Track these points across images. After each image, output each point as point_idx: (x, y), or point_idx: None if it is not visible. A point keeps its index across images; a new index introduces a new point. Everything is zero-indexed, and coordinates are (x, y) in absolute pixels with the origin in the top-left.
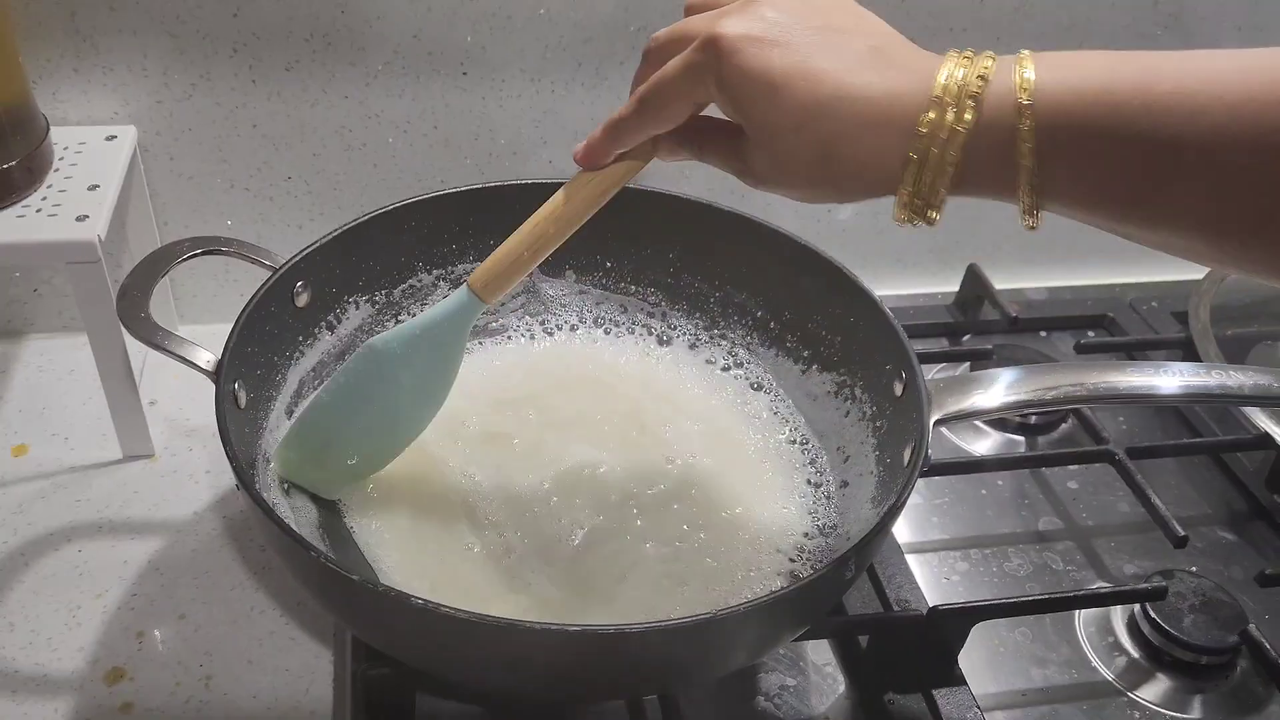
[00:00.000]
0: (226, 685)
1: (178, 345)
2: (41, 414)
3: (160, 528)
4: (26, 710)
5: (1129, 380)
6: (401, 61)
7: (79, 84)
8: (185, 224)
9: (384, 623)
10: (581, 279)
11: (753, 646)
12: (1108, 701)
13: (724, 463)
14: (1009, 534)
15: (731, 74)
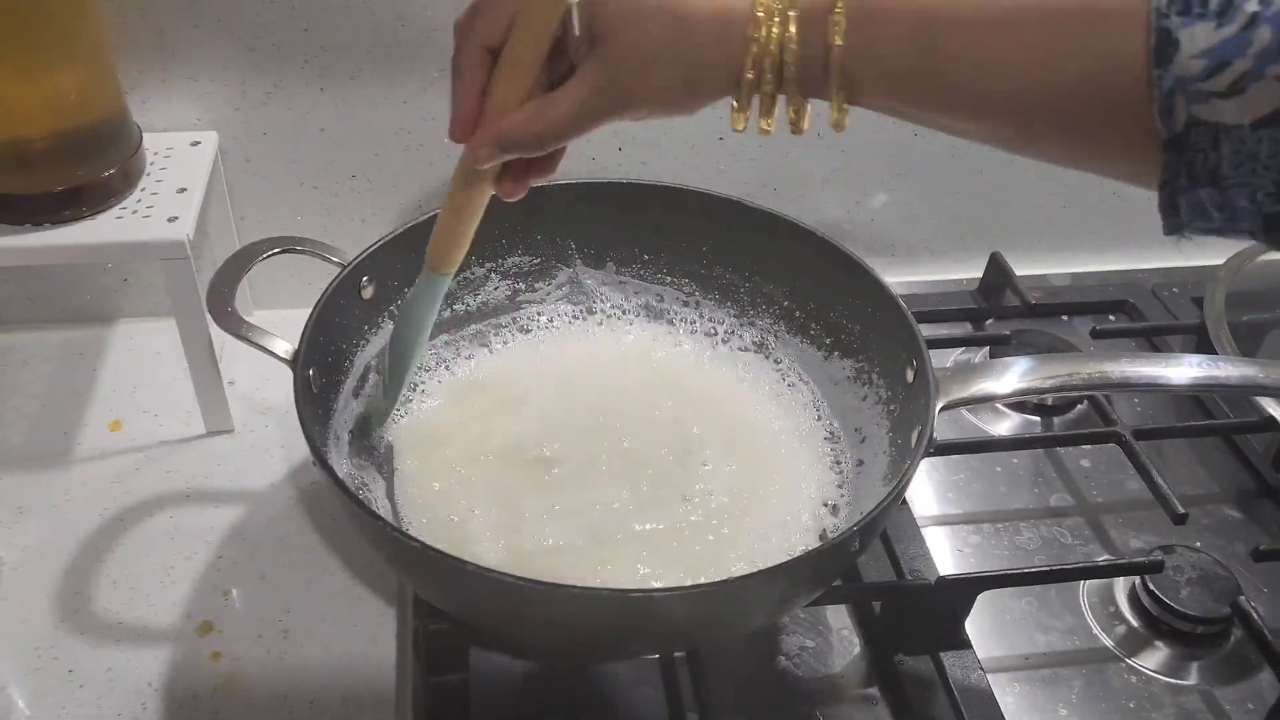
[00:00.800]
0: (302, 638)
1: (259, 336)
2: (133, 393)
3: (241, 497)
4: (129, 657)
5: (1123, 370)
6: None
7: (166, 93)
8: (260, 219)
9: (440, 583)
10: (621, 270)
11: (769, 609)
12: (1107, 667)
13: (752, 440)
14: (1021, 509)
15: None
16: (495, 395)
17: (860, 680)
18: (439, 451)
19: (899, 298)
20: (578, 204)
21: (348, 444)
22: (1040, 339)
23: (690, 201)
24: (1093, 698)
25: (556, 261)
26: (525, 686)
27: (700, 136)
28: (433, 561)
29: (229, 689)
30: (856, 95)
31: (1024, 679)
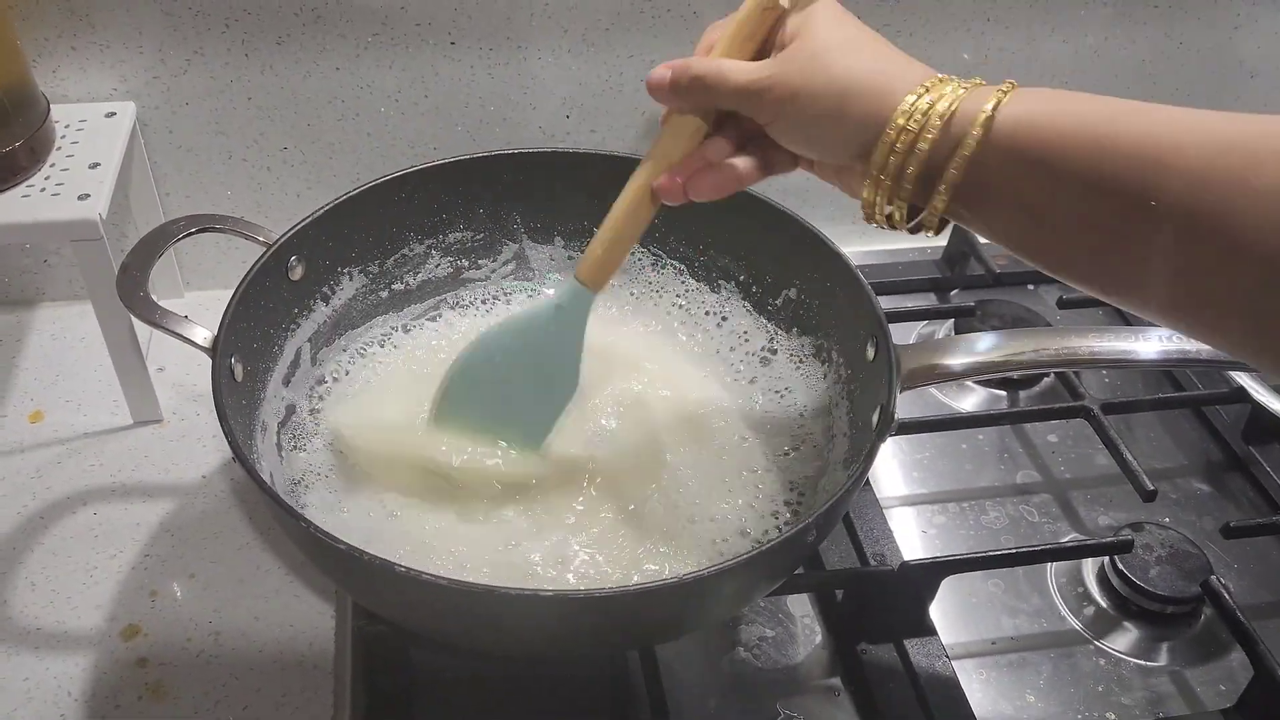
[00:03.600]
0: (234, 640)
1: (174, 323)
2: (55, 381)
3: (170, 490)
4: (48, 665)
5: (1092, 345)
6: (390, 32)
7: (77, 61)
8: (187, 195)
9: (371, 587)
10: (569, 244)
11: (724, 605)
12: (1075, 650)
13: (707, 421)
14: (987, 487)
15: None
16: (436, 380)
17: (822, 670)
18: (378, 442)
19: (859, 271)
20: (521, 174)
21: (277, 434)
22: (1006, 309)
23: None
24: (1061, 682)
25: (501, 236)
26: (469, 688)
27: (652, 103)
28: (363, 565)
29: (156, 696)
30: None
31: (991, 665)
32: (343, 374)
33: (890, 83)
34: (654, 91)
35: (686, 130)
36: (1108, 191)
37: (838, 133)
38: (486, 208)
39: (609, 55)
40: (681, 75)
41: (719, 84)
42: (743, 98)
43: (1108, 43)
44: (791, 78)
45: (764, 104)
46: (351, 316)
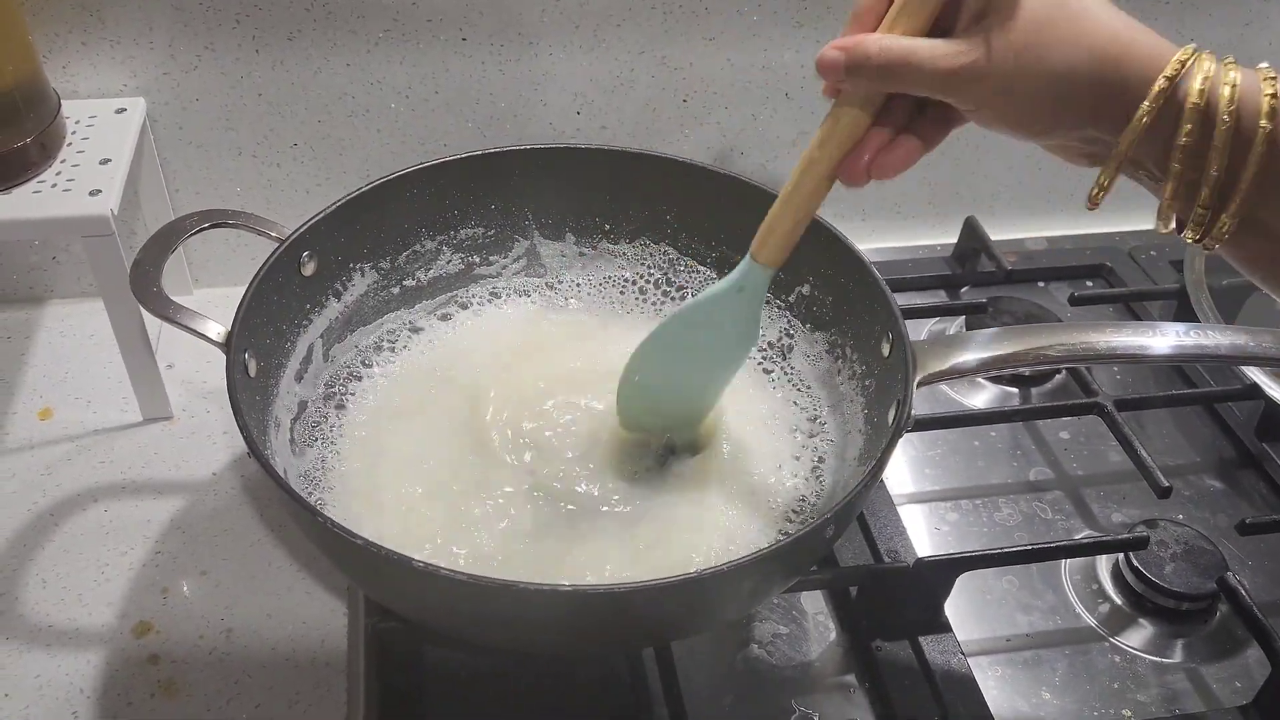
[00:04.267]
0: (246, 638)
1: (189, 318)
2: (65, 378)
3: (181, 487)
4: (60, 662)
5: (1108, 340)
6: (400, 28)
7: (88, 57)
8: (196, 191)
9: (387, 582)
10: (581, 241)
11: (740, 602)
12: (1090, 647)
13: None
14: (1000, 484)
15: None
16: (448, 376)
17: (837, 668)
18: (389, 439)
19: (874, 267)
20: (533, 171)
21: (290, 430)
22: (1017, 306)
23: (653, 167)
24: (1076, 679)
25: (513, 233)
26: (483, 686)
27: (662, 99)
28: (380, 560)
29: (168, 693)
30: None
31: (1005, 662)
32: (355, 370)
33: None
34: (826, 73)
35: (863, 107)
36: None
37: (1063, 119)
38: (498, 204)
39: (620, 51)
40: (860, 59)
41: (912, 72)
42: (943, 88)
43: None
44: (1004, 63)
45: (971, 94)
46: (363, 313)
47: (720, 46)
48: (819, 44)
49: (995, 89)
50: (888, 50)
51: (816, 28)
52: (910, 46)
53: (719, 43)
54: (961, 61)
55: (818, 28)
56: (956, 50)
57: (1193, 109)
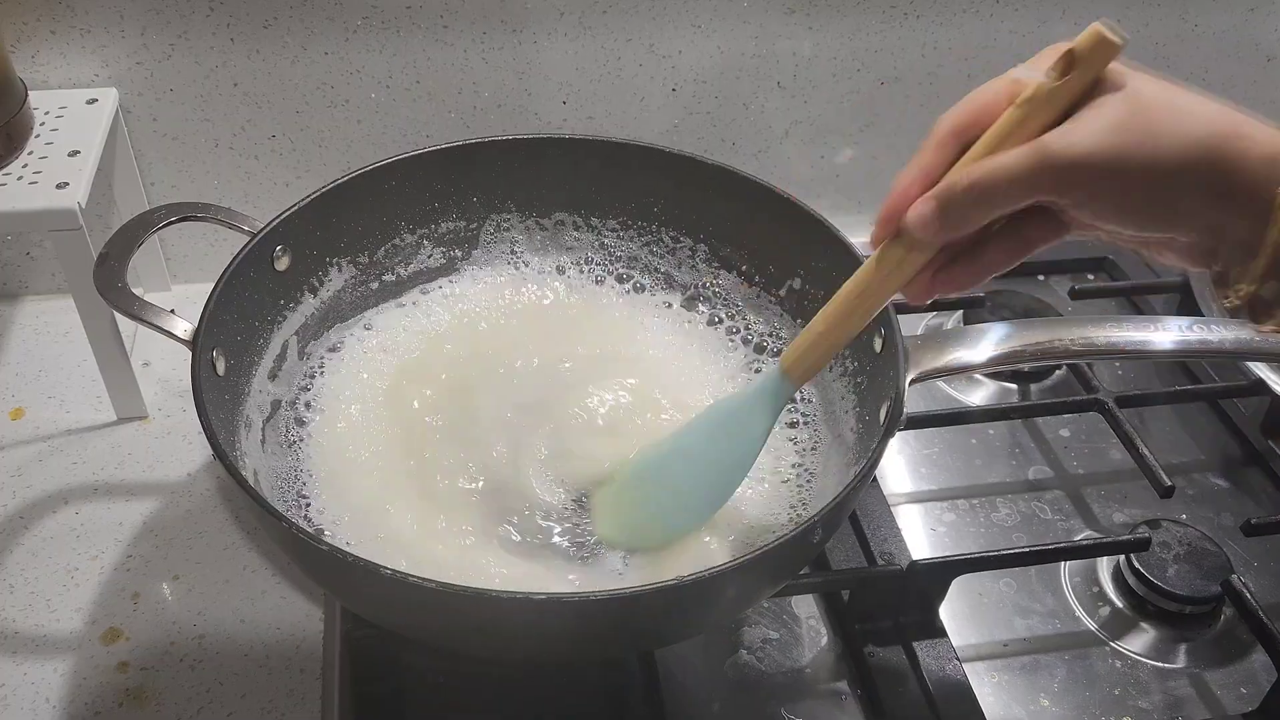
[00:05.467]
0: (219, 644)
1: (154, 315)
2: (37, 377)
3: (155, 489)
4: (26, 670)
5: (1109, 335)
6: (380, 15)
7: (57, 46)
8: (173, 184)
9: (355, 590)
10: (565, 233)
11: (724, 609)
12: (1090, 651)
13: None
14: (998, 483)
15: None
16: (429, 373)
17: (828, 674)
18: (367, 439)
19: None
20: (516, 162)
21: (262, 430)
22: (1016, 300)
23: (639, 158)
24: (1076, 685)
25: (494, 226)
26: (462, 694)
27: (651, 88)
28: (347, 568)
29: (137, 702)
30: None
31: (1003, 668)
32: (332, 368)
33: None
34: (918, 231)
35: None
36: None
37: (1173, 215)
38: (480, 196)
39: (607, 39)
40: (949, 195)
41: (1004, 182)
42: (1037, 185)
43: (1120, 26)
44: (1106, 147)
45: (1072, 183)
46: (340, 308)
47: (710, 34)
48: (811, 31)
49: (1102, 171)
50: (975, 175)
51: (809, 14)
52: (998, 160)
53: (708, 30)
54: (1059, 146)
55: (810, 14)
56: (1048, 146)
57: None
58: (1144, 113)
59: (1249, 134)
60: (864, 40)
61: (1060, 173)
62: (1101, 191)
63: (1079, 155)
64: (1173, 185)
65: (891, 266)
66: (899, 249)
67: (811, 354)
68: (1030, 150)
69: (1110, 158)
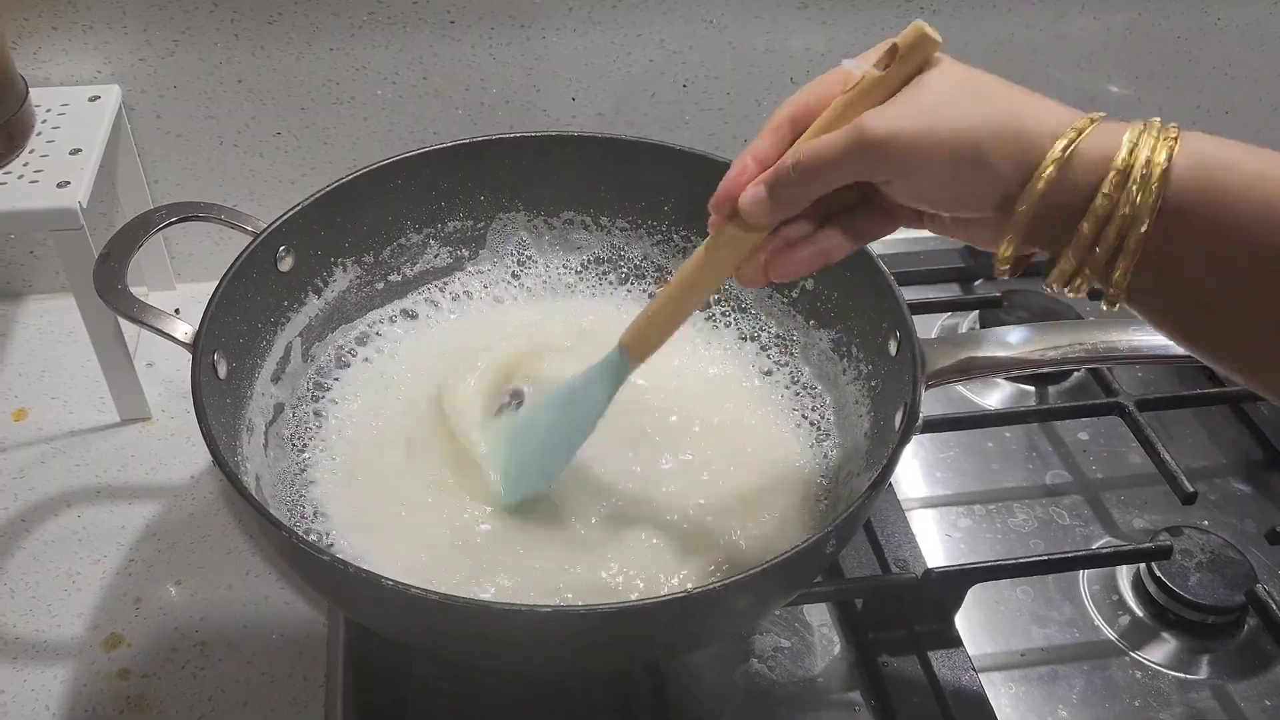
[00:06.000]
0: (221, 651)
1: (154, 317)
2: (41, 377)
3: (158, 492)
4: (26, 677)
5: (1131, 339)
6: (386, 11)
7: (59, 43)
8: (177, 183)
9: (357, 600)
10: (574, 234)
11: (735, 621)
12: (1110, 662)
13: (719, 422)
14: (1015, 488)
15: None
16: (436, 375)
17: (841, 684)
18: (373, 444)
19: (880, 261)
20: (524, 160)
21: (265, 434)
22: (1034, 300)
23: (650, 155)
24: (1095, 696)
25: (502, 225)
26: (469, 703)
27: (661, 84)
28: (347, 577)
29: (138, 710)
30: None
31: (1020, 678)
32: (337, 370)
33: (1034, 122)
34: (751, 213)
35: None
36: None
37: (974, 185)
38: (486, 195)
39: (616, 34)
40: (781, 177)
41: (825, 161)
42: (855, 162)
43: (1141, 19)
44: (912, 126)
45: (881, 162)
46: (345, 309)
47: (721, 29)
48: (824, 26)
49: (904, 151)
50: (799, 154)
51: (822, 8)
52: (821, 140)
53: (720, 25)
54: (870, 126)
55: (823, 8)
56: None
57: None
58: (952, 96)
59: (1041, 108)
60: (878, 35)
61: (873, 149)
62: (910, 167)
63: (889, 132)
64: (971, 160)
65: (726, 247)
66: (733, 230)
67: (650, 332)
68: (848, 130)
69: (916, 133)
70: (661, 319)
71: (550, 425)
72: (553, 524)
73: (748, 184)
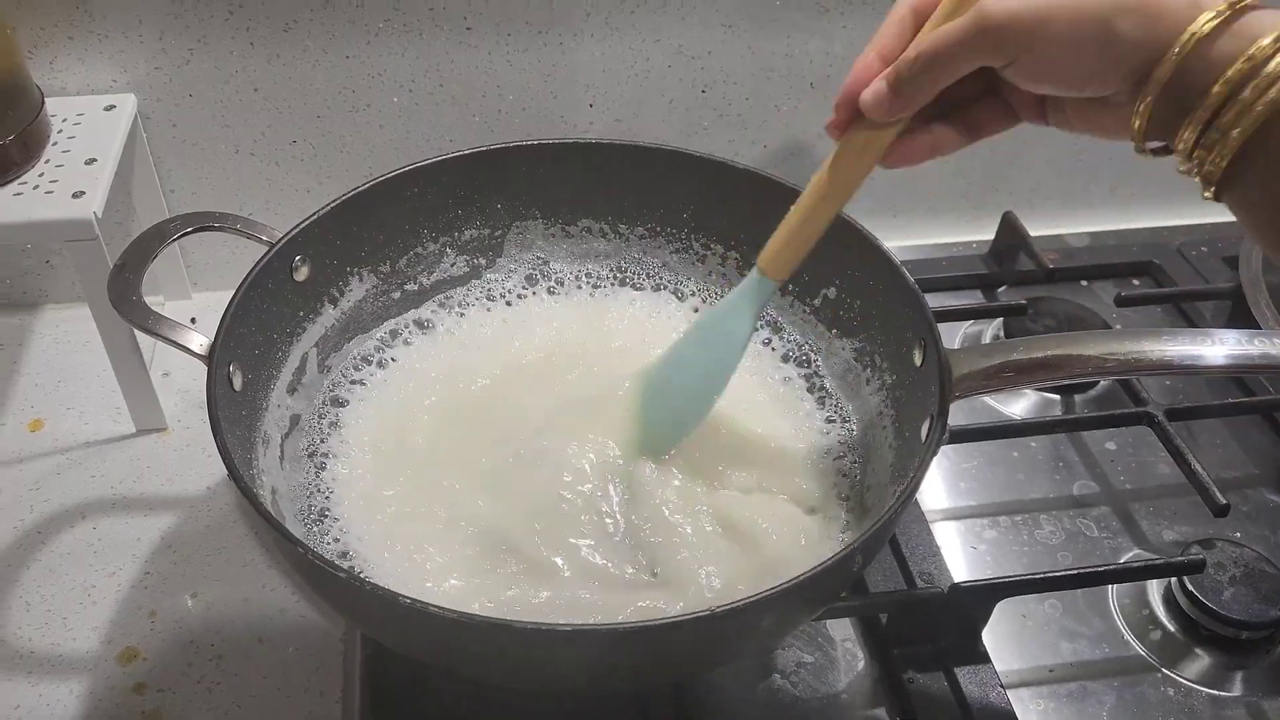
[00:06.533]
0: (237, 665)
1: (169, 329)
2: (57, 388)
3: (174, 503)
4: (41, 691)
5: (1161, 349)
6: (402, 18)
7: (75, 52)
8: (193, 192)
9: (373, 617)
10: (592, 241)
11: (760, 638)
12: (1141, 678)
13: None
14: (1041, 499)
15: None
16: (454, 385)
17: (865, 700)
18: (390, 456)
19: (904, 268)
20: (540, 168)
21: (280, 446)
22: (1059, 308)
23: (668, 162)
24: (1126, 714)
25: (519, 233)
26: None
27: (680, 90)
28: (364, 595)
29: None
30: None
31: (1049, 694)
32: (353, 381)
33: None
34: (875, 108)
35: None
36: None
37: (1101, 59)
38: (503, 202)
39: (634, 40)
40: (902, 73)
41: (947, 48)
42: (977, 46)
43: None
44: (1034, 3)
45: (1005, 42)
46: (362, 319)
47: (740, 34)
48: (845, 30)
49: (1032, 23)
50: (919, 44)
51: (843, 13)
52: (942, 30)
53: (739, 30)
54: (991, 6)
55: (844, 13)
56: (984, 7)
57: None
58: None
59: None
60: None
61: (994, 32)
62: (1033, 47)
63: (1010, 13)
64: (1098, 34)
65: (857, 152)
66: (861, 132)
67: (788, 249)
68: (969, 16)
69: (1038, 11)
70: (798, 234)
71: (695, 362)
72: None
73: (871, 81)
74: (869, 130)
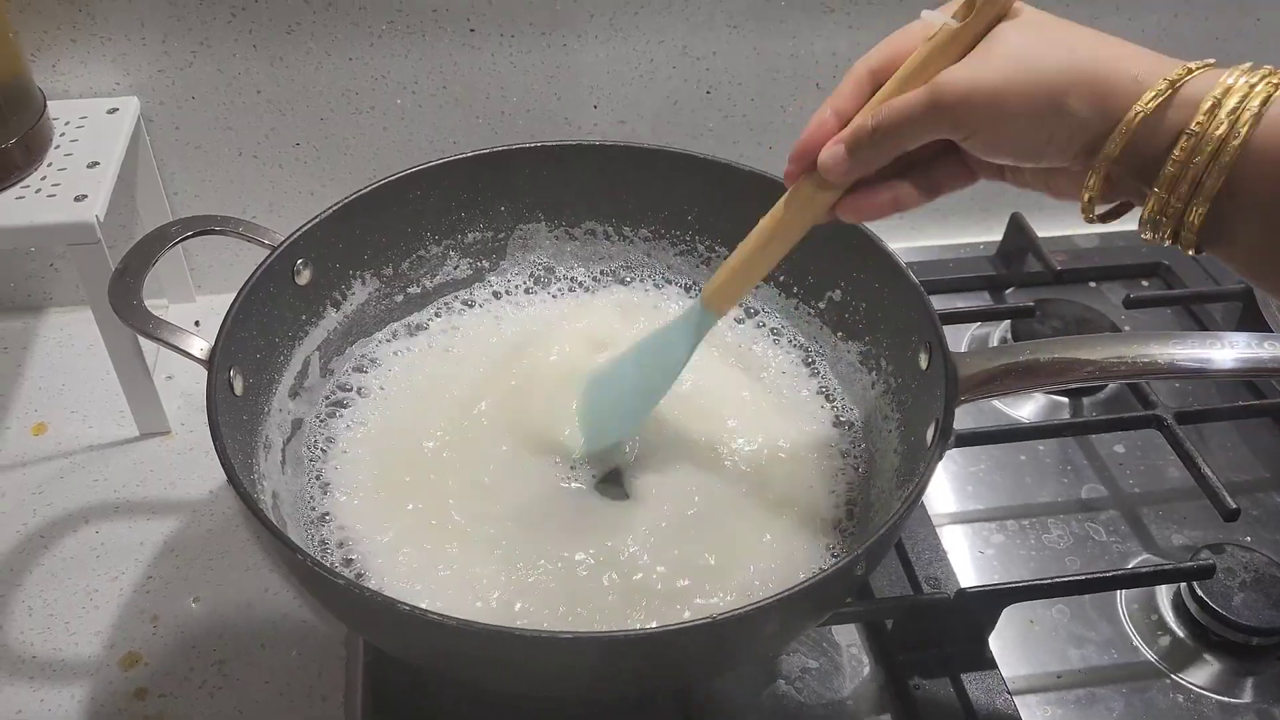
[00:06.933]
0: (239, 670)
1: (169, 333)
2: (60, 391)
3: (176, 507)
4: (43, 696)
5: (1170, 353)
6: (405, 20)
7: (78, 55)
8: (196, 195)
9: (373, 624)
10: (596, 243)
11: (763, 645)
12: (1150, 684)
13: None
14: (1049, 503)
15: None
16: (457, 388)
17: (871, 706)
18: (394, 460)
19: (910, 271)
20: (544, 170)
21: (282, 451)
22: (1067, 309)
23: (672, 164)
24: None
25: (523, 236)
26: None
27: (684, 91)
28: (364, 602)
29: None
30: None
31: (1056, 701)
32: (356, 384)
33: (1117, 67)
34: (831, 171)
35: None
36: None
37: (1053, 135)
38: (506, 205)
39: (639, 40)
40: (860, 137)
41: (905, 120)
42: (932, 121)
43: (1177, 20)
44: (989, 81)
45: (958, 121)
46: (364, 323)
47: (745, 35)
48: (850, 30)
49: (979, 107)
50: (877, 115)
51: (848, 13)
52: (899, 101)
53: (744, 31)
54: (946, 83)
55: (849, 13)
56: (939, 83)
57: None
58: (1028, 46)
59: (1126, 56)
60: None
61: (950, 109)
62: (987, 123)
63: (965, 90)
64: (1050, 111)
65: (804, 202)
66: (810, 186)
67: (729, 286)
68: (925, 90)
69: (993, 89)
70: (741, 273)
71: (631, 379)
72: (578, 538)
73: (827, 139)
74: (816, 186)
